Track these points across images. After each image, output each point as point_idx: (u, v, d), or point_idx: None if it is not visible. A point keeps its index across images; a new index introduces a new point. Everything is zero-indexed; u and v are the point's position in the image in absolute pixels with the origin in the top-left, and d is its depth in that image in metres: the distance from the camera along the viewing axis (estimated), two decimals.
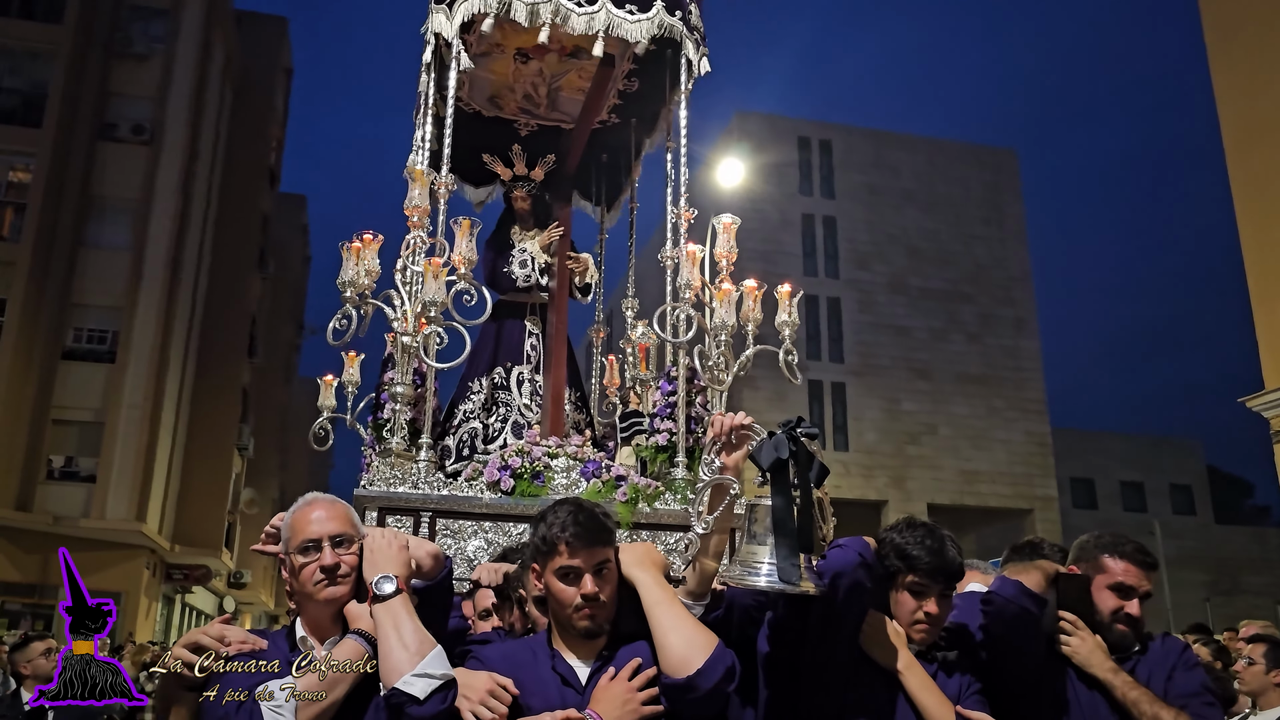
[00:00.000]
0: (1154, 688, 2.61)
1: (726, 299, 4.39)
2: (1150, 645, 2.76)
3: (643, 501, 4.33)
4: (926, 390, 29.49)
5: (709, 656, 2.15)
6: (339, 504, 2.32)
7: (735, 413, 2.52)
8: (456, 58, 4.57)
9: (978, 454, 29.30)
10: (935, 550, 2.50)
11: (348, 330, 4.21)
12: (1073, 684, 2.68)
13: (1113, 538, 2.82)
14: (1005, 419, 29.86)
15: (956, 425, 29.27)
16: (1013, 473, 29.54)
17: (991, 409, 29.77)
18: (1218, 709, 2.74)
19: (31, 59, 21.84)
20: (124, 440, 20.85)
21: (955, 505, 28.38)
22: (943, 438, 29.17)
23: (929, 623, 2.50)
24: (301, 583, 2.20)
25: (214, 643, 2.12)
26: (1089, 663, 2.62)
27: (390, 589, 2.14)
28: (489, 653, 2.36)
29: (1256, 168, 12.75)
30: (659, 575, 2.34)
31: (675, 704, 2.18)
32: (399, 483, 4.05)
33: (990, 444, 29.50)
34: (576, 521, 2.26)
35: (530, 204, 5.58)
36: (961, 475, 29.03)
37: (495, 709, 2.13)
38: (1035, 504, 29.30)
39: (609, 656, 2.27)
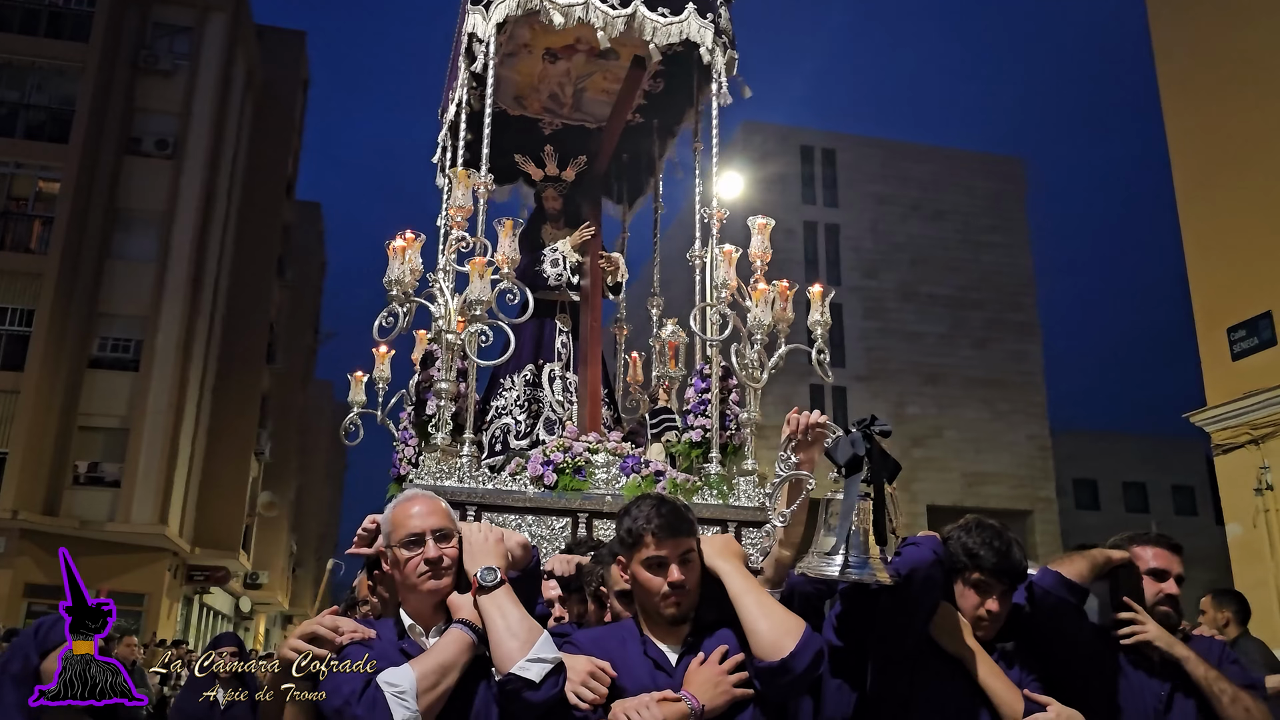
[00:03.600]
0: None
1: (762, 299, 4.38)
2: (1192, 642, 2.81)
3: (681, 496, 4.32)
4: (933, 395, 29.50)
5: (799, 640, 2.19)
6: (437, 499, 2.36)
7: (811, 411, 2.61)
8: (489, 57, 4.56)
9: (982, 457, 29.30)
10: (1002, 552, 2.54)
11: (394, 328, 4.20)
12: (1125, 670, 2.69)
13: (1136, 532, 2.95)
14: (1010, 423, 29.87)
15: (962, 429, 29.29)
16: (1015, 475, 29.54)
17: (997, 413, 29.78)
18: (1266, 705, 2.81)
19: (59, 76, 21.96)
20: (148, 446, 20.92)
21: (956, 506, 28.31)
22: (948, 441, 29.17)
23: (990, 620, 2.53)
24: (406, 575, 2.24)
25: (329, 633, 2.13)
26: (1171, 645, 2.67)
27: (494, 580, 2.19)
28: (581, 637, 2.39)
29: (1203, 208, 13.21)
30: (741, 565, 2.38)
31: (767, 687, 2.21)
32: (445, 477, 4.04)
33: (995, 447, 29.50)
34: (660, 514, 2.30)
35: (561, 204, 5.58)
36: (966, 478, 29.01)
37: (596, 690, 2.16)
38: (1036, 505, 29.28)
39: (695, 643, 2.32)
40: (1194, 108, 13.50)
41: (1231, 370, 12.36)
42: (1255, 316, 12.18)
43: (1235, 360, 12.36)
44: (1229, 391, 12.33)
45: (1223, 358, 12.59)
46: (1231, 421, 12.30)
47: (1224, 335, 12.58)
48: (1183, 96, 13.79)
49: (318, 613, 2.75)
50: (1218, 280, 12.90)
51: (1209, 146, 13.16)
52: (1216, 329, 12.78)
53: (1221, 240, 12.86)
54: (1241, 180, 12.52)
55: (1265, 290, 11.98)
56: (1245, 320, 12.34)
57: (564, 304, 5.46)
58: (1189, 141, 13.63)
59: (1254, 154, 12.32)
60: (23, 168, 21.53)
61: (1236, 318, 12.47)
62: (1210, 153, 13.13)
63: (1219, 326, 12.74)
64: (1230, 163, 12.72)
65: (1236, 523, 12.38)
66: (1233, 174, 12.69)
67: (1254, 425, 11.98)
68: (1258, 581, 11.78)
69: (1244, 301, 12.31)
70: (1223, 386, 12.51)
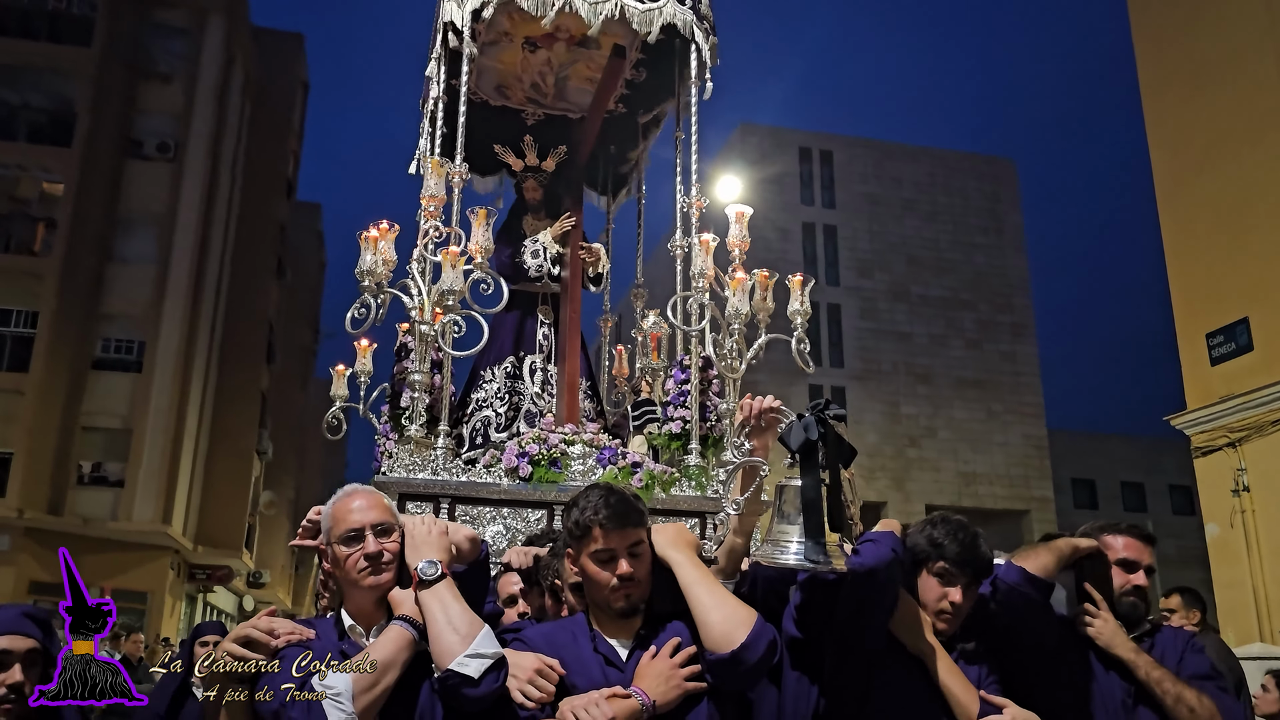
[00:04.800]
0: (1167, 668, 2.60)
1: (740, 287, 4.30)
2: (1162, 631, 2.77)
3: (658, 488, 4.24)
4: (926, 394, 29.38)
5: (751, 631, 2.12)
6: (377, 494, 2.31)
7: (764, 396, 2.51)
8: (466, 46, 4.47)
9: (976, 457, 29.18)
10: (966, 543, 2.48)
11: (366, 319, 4.11)
12: (1093, 665, 2.64)
13: (1108, 521, 2.88)
14: (1003, 422, 29.74)
15: (955, 428, 29.16)
16: (1010, 475, 29.40)
17: (990, 413, 29.65)
18: (1230, 694, 2.76)
19: (61, 80, 21.91)
20: (150, 446, 20.94)
21: (952, 506, 28.20)
22: (942, 440, 29.06)
23: (953, 612, 2.47)
24: (346, 571, 2.18)
25: (264, 636, 2.06)
26: (1112, 644, 2.60)
27: (435, 574, 2.13)
28: (531, 634, 2.32)
29: (1182, 216, 13.36)
30: (694, 555, 2.30)
31: (719, 679, 2.15)
32: (418, 470, 3.96)
33: (988, 447, 29.37)
34: (608, 504, 2.21)
35: (541, 194, 5.47)
36: (960, 477, 28.90)
37: (544, 688, 2.10)
38: (1032, 505, 29.13)
39: (646, 636, 2.25)
40: (1173, 115, 13.67)
41: (1210, 375, 12.59)
42: (1233, 323, 12.43)
43: (1214, 365, 12.61)
44: (1208, 395, 12.55)
45: (1202, 362, 12.82)
46: (1209, 425, 12.53)
47: (1203, 341, 12.72)
48: (1162, 103, 13.97)
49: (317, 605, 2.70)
50: (1197, 287, 13.13)
51: (1187, 154, 13.36)
52: (1196, 334, 13.02)
53: (1200, 248, 13.12)
54: (1218, 189, 12.65)
55: (1242, 297, 12.21)
56: (1223, 326, 12.56)
57: (546, 295, 5.36)
58: (1168, 149, 13.83)
59: (1230, 163, 12.49)
60: (25, 170, 21.53)
61: (1215, 324, 12.70)
62: (1188, 160, 13.33)
63: (1198, 332, 12.97)
64: (1207, 171, 12.89)
65: (1215, 523, 12.46)
66: (1210, 183, 12.85)
67: (1231, 428, 12.20)
68: (1235, 580, 11.84)
69: (1222, 308, 12.55)
70: (1202, 390, 12.72)
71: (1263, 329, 11.86)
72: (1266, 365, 11.62)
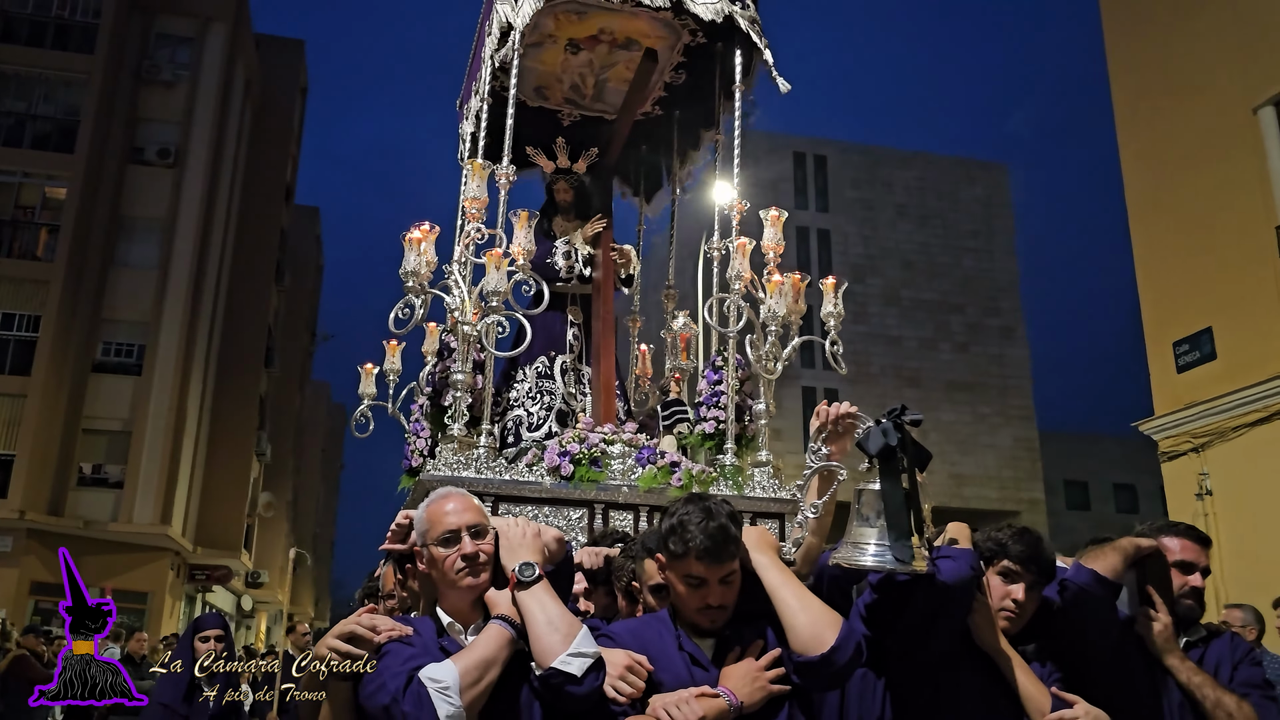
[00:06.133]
0: (1220, 677, 2.62)
1: (777, 290, 4.29)
2: (1219, 638, 2.77)
3: (696, 487, 4.22)
4: (915, 398, 29.35)
5: (840, 633, 2.12)
6: (470, 496, 2.32)
7: (841, 402, 2.53)
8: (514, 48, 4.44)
9: (965, 459, 29.18)
10: (1031, 544, 2.51)
11: (410, 319, 4.09)
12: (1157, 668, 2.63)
13: (1165, 522, 2.88)
14: (992, 425, 29.77)
15: (944, 431, 29.15)
16: (1000, 476, 29.42)
17: (978, 415, 29.67)
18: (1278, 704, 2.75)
19: (65, 87, 21.85)
20: (150, 448, 20.90)
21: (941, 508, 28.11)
22: (931, 443, 28.70)
23: (1015, 610, 2.48)
24: (443, 572, 2.18)
25: (367, 632, 2.06)
26: (1163, 649, 2.61)
27: (533, 575, 2.13)
28: (618, 629, 2.31)
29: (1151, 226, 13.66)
30: (777, 558, 2.29)
31: (806, 680, 2.14)
32: (463, 468, 3.93)
33: (977, 449, 29.39)
34: (707, 533, 2.15)
35: (572, 196, 5.43)
36: (950, 479, 28.89)
37: (634, 684, 2.08)
38: (1022, 506, 29.14)
39: (730, 636, 2.24)
40: (1145, 127, 13.87)
41: (1177, 381, 12.75)
42: (1198, 332, 12.60)
43: (1180, 373, 12.75)
44: (1175, 401, 12.71)
45: (1169, 370, 12.97)
46: (1174, 430, 12.66)
47: (1170, 349, 12.94)
48: (1134, 116, 14.20)
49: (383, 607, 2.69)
50: (1164, 296, 13.33)
51: (1158, 166, 13.60)
52: (1164, 342, 13.18)
53: (1167, 258, 13.32)
54: (1186, 201, 12.91)
55: (1207, 307, 12.41)
56: (1189, 335, 12.72)
57: (575, 296, 5.33)
58: (1139, 161, 14.06)
59: (1198, 176, 12.70)
60: (30, 177, 21.45)
61: (1181, 332, 12.86)
62: (1159, 172, 13.57)
63: (1166, 340, 13.13)
64: (1176, 183, 13.13)
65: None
66: (1178, 195, 13.11)
67: (1194, 434, 12.37)
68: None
69: (1188, 317, 12.74)
70: (1169, 397, 12.88)
71: (1226, 339, 12.07)
72: (1229, 374, 11.79)
